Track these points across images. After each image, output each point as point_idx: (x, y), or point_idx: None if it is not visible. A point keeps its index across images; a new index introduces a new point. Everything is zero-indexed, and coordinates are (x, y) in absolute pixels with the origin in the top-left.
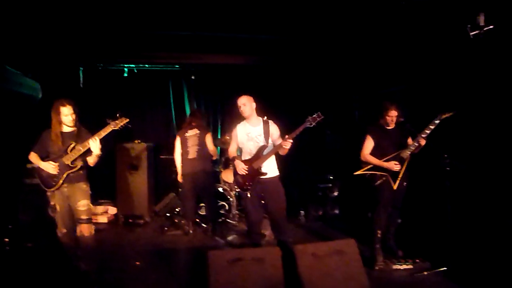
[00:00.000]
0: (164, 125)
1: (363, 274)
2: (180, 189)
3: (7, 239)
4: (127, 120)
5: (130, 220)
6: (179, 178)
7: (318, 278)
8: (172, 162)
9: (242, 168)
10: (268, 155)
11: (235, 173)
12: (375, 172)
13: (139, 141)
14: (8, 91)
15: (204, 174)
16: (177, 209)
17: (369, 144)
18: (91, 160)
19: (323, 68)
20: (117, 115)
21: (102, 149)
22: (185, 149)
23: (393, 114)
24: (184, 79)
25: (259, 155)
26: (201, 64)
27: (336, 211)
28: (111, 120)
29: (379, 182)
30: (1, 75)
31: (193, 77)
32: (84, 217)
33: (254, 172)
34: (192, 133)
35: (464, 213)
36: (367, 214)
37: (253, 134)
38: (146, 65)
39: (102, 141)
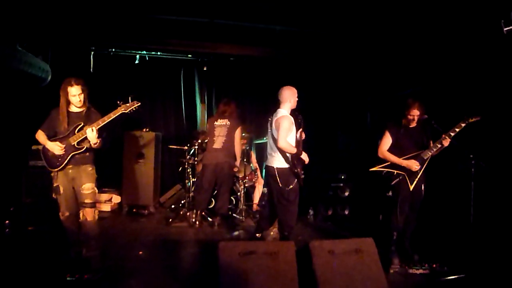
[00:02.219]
0: (173, 115)
1: (382, 275)
2: (189, 180)
3: (7, 221)
4: (139, 104)
5: (134, 210)
6: (198, 168)
7: (334, 276)
8: (180, 152)
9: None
10: None
11: (297, 163)
12: (392, 170)
13: (148, 129)
14: (17, 70)
15: (228, 166)
16: (183, 201)
17: (387, 140)
18: (93, 145)
19: (338, 67)
20: (129, 98)
21: (108, 136)
22: (211, 137)
23: (414, 113)
24: (196, 69)
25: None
26: (215, 53)
27: (346, 212)
28: (122, 103)
29: (395, 181)
30: (10, 53)
31: (205, 68)
32: (88, 201)
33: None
34: (222, 123)
35: (487, 216)
36: (379, 215)
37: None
38: (159, 53)
39: (113, 125)
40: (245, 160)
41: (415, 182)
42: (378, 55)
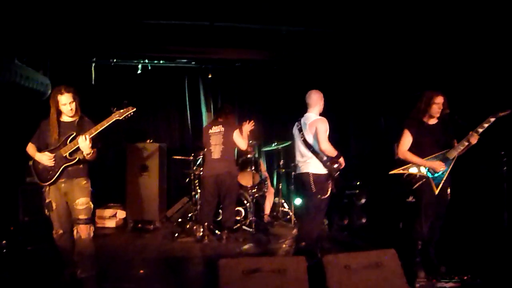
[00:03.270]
0: (178, 125)
1: None
2: (196, 192)
3: (4, 241)
4: (134, 109)
5: (140, 225)
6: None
7: None
8: (186, 163)
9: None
10: None
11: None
12: (414, 173)
13: (152, 140)
14: (14, 84)
15: (229, 177)
16: (190, 215)
17: (407, 139)
18: (87, 156)
19: (348, 68)
20: (124, 103)
21: (108, 148)
22: (208, 147)
23: (440, 100)
24: (200, 76)
25: None
26: (219, 59)
27: (363, 220)
28: (115, 109)
29: (418, 184)
30: (6, 66)
31: (210, 75)
32: (82, 217)
33: None
34: (216, 130)
35: None
36: (399, 223)
37: None
38: (161, 61)
39: (110, 138)
40: (253, 168)
41: (440, 185)
42: (391, 55)
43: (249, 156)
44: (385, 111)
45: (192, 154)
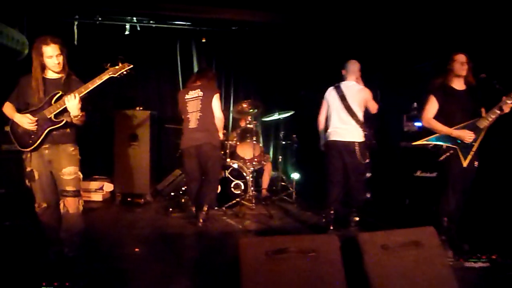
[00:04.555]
0: (169, 92)
1: (450, 274)
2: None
3: None
4: (130, 66)
5: (129, 199)
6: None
7: (391, 277)
8: (179, 133)
9: None
10: None
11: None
12: (441, 143)
13: (141, 108)
14: None
15: (210, 149)
16: (183, 188)
17: (432, 106)
18: (75, 120)
19: (346, 37)
20: (119, 59)
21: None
22: (185, 115)
23: (461, 58)
24: (194, 40)
25: None
26: (214, 20)
27: (368, 195)
28: (109, 65)
29: (444, 156)
30: None
31: (204, 40)
32: (70, 188)
33: None
34: (193, 95)
35: None
36: (405, 199)
37: None
38: (151, 21)
39: (99, 101)
40: (254, 139)
41: (469, 157)
42: (388, 22)
43: (249, 126)
44: (382, 84)
45: None
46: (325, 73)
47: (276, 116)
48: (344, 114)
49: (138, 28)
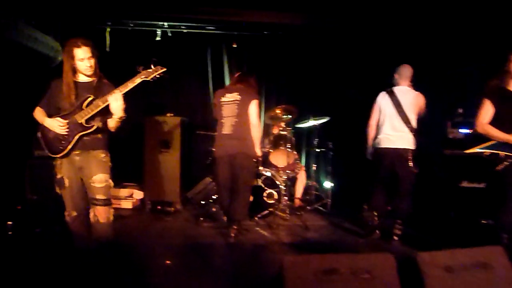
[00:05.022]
0: (200, 98)
1: None
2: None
3: (10, 222)
4: (164, 69)
5: (159, 207)
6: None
7: None
8: (209, 140)
9: None
10: None
11: None
12: (498, 152)
13: (172, 114)
14: (21, 46)
15: (244, 158)
16: (214, 197)
17: (486, 110)
18: (112, 124)
19: (385, 40)
20: (152, 61)
21: (126, 112)
22: (219, 119)
23: None
24: (225, 45)
25: None
26: (246, 24)
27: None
28: (142, 68)
29: (503, 166)
30: (12, 24)
31: (235, 45)
32: (100, 196)
33: None
34: (230, 98)
35: None
36: (450, 212)
37: None
38: (182, 27)
39: (128, 107)
40: (288, 146)
41: None
42: (429, 23)
43: (282, 132)
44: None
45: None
46: (364, 77)
47: (311, 123)
48: (398, 121)
49: (169, 34)
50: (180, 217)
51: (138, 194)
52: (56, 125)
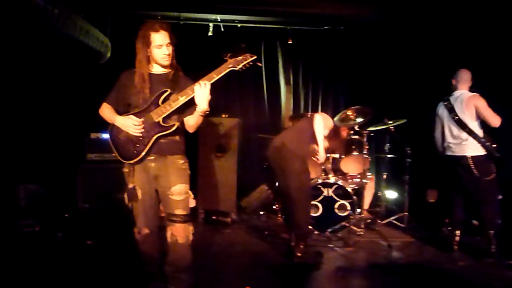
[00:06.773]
0: (253, 99)
1: None
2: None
3: (59, 234)
4: (254, 57)
5: (213, 217)
6: None
7: None
8: (265, 144)
9: None
10: None
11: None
12: None
13: (227, 115)
14: (73, 39)
15: (289, 156)
16: (274, 206)
17: None
18: (193, 121)
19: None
20: (240, 48)
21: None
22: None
23: None
24: (279, 41)
25: None
26: (305, 14)
27: (499, 221)
28: (229, 56)
29: None
30: (67, 16)
31: (290, 41)
32: (180, 212)
33: None
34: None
35: None
36: None
37: None
38: (236, 21)
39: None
40: (364, 152)
41: None
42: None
43: (353, 136)
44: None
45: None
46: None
47: (385, 126)
48: (454, 127)
49: (222, 29)
50: (239, 229)
51: (191, 202)
52: (130, 124)
